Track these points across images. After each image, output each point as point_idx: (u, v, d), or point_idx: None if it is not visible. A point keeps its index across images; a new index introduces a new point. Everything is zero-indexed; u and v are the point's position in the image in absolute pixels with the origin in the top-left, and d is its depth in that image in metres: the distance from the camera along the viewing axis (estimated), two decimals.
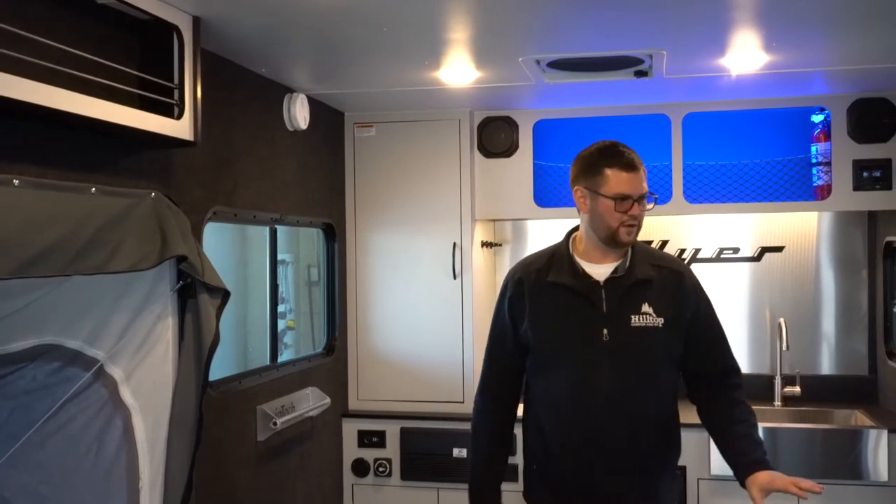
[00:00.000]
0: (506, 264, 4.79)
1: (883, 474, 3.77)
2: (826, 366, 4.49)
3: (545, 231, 4.72)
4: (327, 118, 4.20)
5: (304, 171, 3.92)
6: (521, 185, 4.35)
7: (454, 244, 4.26)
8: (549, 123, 4.40)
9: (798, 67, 3.51)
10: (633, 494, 2.54)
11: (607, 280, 2.50)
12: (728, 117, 4.33)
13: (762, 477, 2.39)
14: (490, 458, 2.77)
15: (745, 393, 2.63)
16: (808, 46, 3.25)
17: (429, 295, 4.29)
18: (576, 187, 2.55)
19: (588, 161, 2.54)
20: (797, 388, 4.27)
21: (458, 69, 3.47)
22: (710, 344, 2.60)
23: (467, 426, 4.10)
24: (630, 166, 2.47)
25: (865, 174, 4.00)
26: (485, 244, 4.53)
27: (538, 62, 3.35)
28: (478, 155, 4.35)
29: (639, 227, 2.49)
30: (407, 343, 4.32)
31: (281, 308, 4.89)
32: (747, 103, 4.13)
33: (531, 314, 2.56)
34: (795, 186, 4.25)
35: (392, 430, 4.23)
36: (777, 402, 4.29)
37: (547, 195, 4.45)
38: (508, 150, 4.35)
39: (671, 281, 2.53)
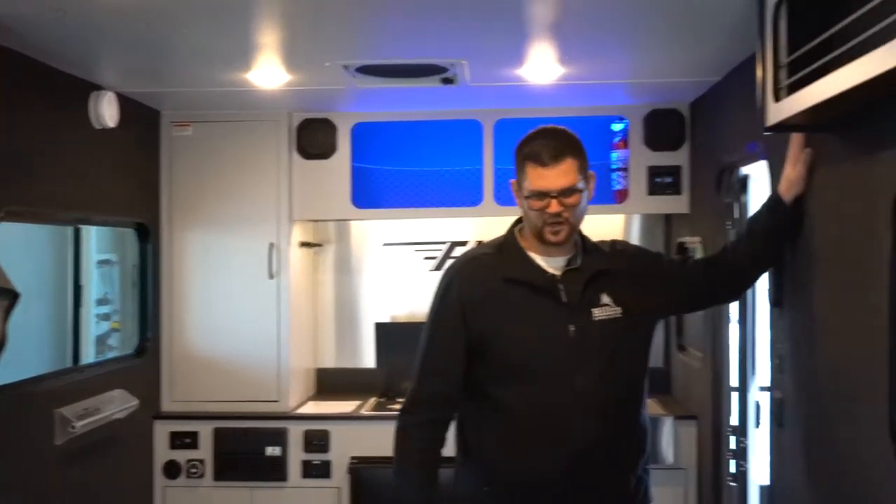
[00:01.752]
0: (328, 264, 4.86)
1: (670, 458, 4.06)
2: None
3: (370, 231, 4.83)
4: (141, 116, 4.14)
5: (113, 170, 3.86)
6: (339, 187, 4.41)
7: (271, 244, 4.29)
8: (367, 126, 4.49)
9: (594, 79, 3.75)
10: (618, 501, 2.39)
11: (564, 273, 2.33)
12: (538, 124, 4.52)
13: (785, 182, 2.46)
14: (431, 492, 2.35)
15: None
16: (602, 60, 3.48)
17: (245, 295, 4.30)
18: (511, 180, 2.37)
19: (515, 152, 2.34)
20: None
21: (268, 72, 3.50)
22: (683, 264, 2.63)
23: (281, 424, 4.21)
24: (544, 160, 2.24)
25: (658, 180, 4.30)
26: (304, 244, 4.57)
27: (346, 67, 3.43)
28: (296, 156, 4.39)
29: (570, 224, 2.28)
30: (223, 343, 4.31)
31: (106, 309, 4.80)
32: (554, 111, 4.33)
33: (492, 314, 2.31)
34: (597, 190, 4.47)
35: (205, 430, 4.21)
36: None
37: (365, 196, 4.53)
38: (327, 151, 4.41)
39: (621, 264, 2.41)
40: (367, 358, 4.82)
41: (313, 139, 4.40)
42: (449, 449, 2.44)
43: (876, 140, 2.11)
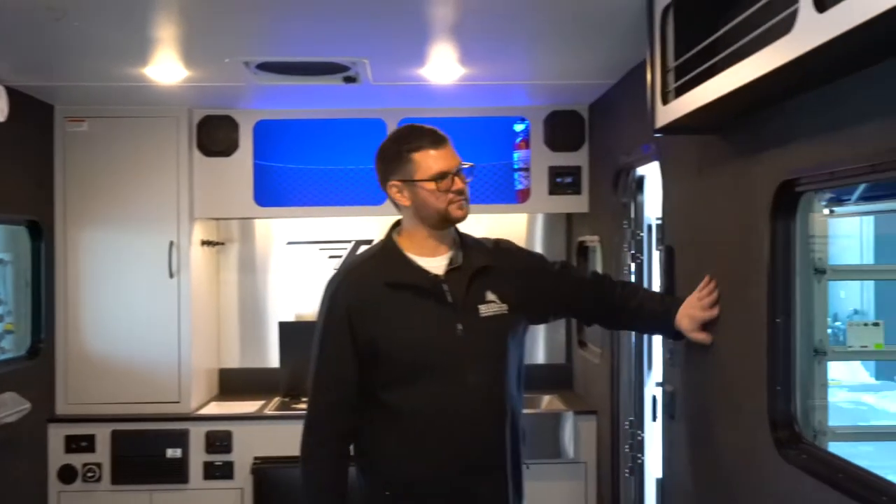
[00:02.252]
0: (231, 263, 4.80)
1: (571, 452, 4.15)
2: (539, 355, 4.87)
3: (273, 230, 4.79)
4: (33, 110, 4.02)
5: (3, 166, 3.74)
6: (241, 185, 4.37)
7: (171, 243, 4.21)
8: (270, 124, 4.46)
9: (495, 80, 3.80)
10: (510, 495, 2.40)
11: (447, 273, 2.36)
12: (441, 123, 4.53)
13: (684, 322, 2.51)
14: None
15: None
16: (502, 62, 3.54)
17: (145, 294, 4.21)
18: (389, 184, 2.36)
19: (390, 153, 2.37)
20: None
21: (165, 67, 3.44)
22: (565, 274, 2.61)
23: (182, 426, 4.15)
24: (436, 142, 2.33)
25: (559, 180, 4.39)
26: (206, 243, 4.51)
27: (247, 64, 3.40)
28: (197, 153, 4.33)
29: (468, 200, 2.36)
30: (121, 343, 4.21)
31: None
32: (458, 111, 4.40)
33: (379, 321, 2.32)
34: (500, 190, 4.57)
35: (103, 433, 4.11)
36: None
37: (268, 195, 4.50)
38: (229, 149, 4.35)
39: (507, 264, 2.45)
40: (272, 357, 4.78)
41: (214, 136, 4.34)
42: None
43: (756, 141, 2.21)
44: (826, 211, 3.73)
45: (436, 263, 2.38)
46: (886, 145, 1.62)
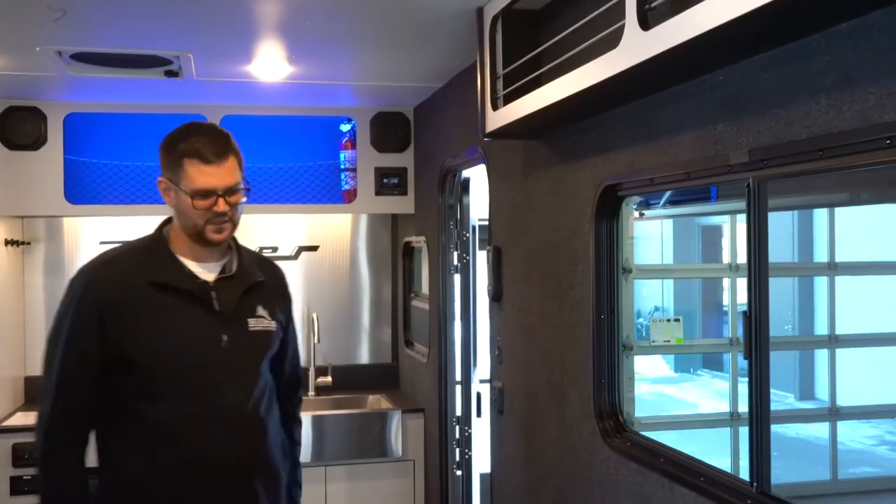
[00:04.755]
0: (37, 263, 4.51)
1: (399, 451, 4.20)
2: (363, 355, 4.87)
3: (84, 228, 4.54)
4: None
5: None
6: (49, 181, 4.12)
7: None
8: (83, 117, 4.23)
9: (322, 80, 3.78)
10: None
11: (217, 280, 2.20)
12: (266, 122, 4.51)
13: None
14: None
15: None
16: (329, 62, 3.52)
17: None
18: (159, 178, 2.18)
19: (167, 149, 2.16)
20: (329, 378, 4.57)
21: None
22: (293, 351, 2.44)
23: None
24: (209, 158, 2.11)
25: (385, 181, 4.43)
26: (9, 242, 4.22)
27: (60, 53, 3.22)
28: (0, 146, 4.04)
29: (233, 223, 2.16)
30: None
31: None
32: (283, 109, 4.35)
33: (135, 322, 2.11)
34: (326, 190, 4.56)
35: None
36: (311, 393, 4.55)
37: (80, 192, 4.27)
38: (35, 142, 4.10)
39: (277, 283, 2.35)
40: None
41: (19, 129, 4.07)
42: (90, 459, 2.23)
43: (579, 148, 2.33)
44: (636, 214, 3.99)
45: (207, 269, 2.21)
46: (700, 154, 1.75)
